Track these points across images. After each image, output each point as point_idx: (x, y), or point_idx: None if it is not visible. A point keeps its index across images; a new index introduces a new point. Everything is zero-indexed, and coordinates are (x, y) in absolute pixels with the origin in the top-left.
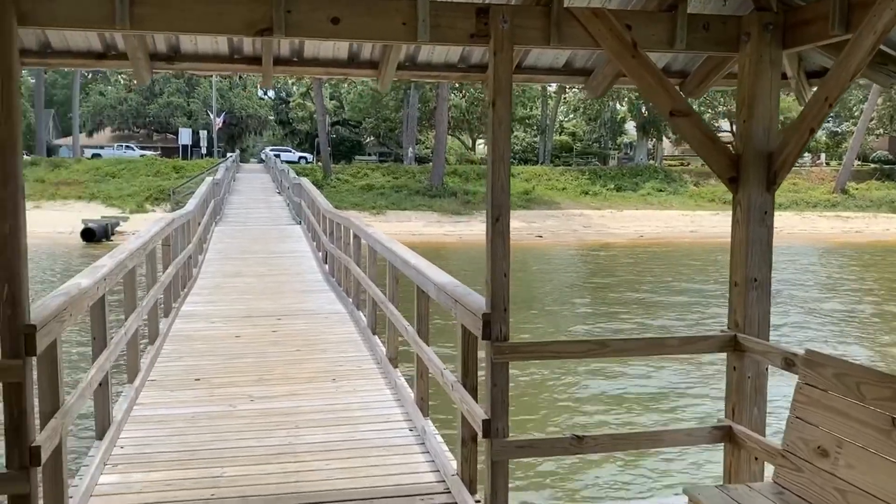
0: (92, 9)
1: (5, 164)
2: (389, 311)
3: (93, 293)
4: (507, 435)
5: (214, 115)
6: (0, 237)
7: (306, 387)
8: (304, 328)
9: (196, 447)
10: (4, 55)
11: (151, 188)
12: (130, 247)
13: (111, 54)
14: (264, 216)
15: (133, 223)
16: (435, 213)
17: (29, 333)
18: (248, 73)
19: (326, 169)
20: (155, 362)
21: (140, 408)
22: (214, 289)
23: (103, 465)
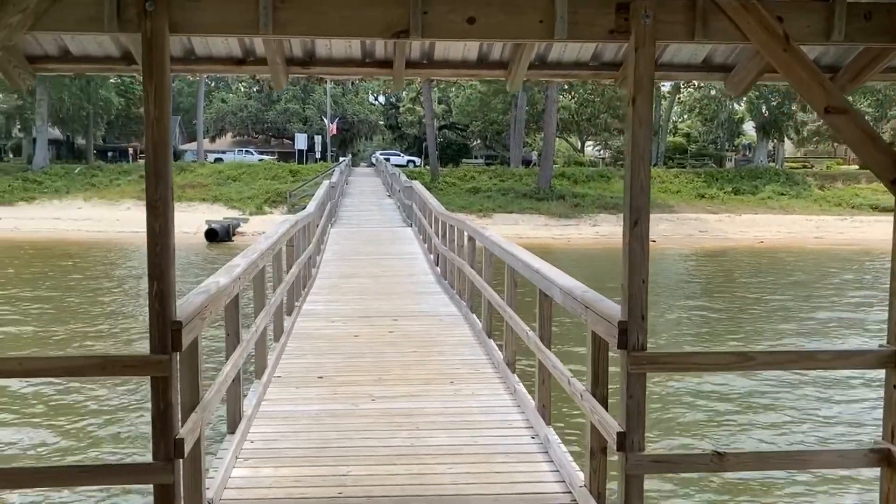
0: (238, 15)
1: (157, 164)
2: (508, 315)
3: (229, 291)
4: (643, 448)
5: (328, 121)
6: (151, 235)
7: (425, 388)
8: (420, 329)
9: (322, 445)
10: (159, 61)
11: (269, 191)
12: (261, 247)
13: (250, 60)
14: (376, 218)
15: (252, 224)
16: (542, 216)
17: (176, 329)
18: (379, 76)
19: (434, 172)
20: (280, 359)
21: (267, 404)
22: (332, 289)
23: (235, 458)
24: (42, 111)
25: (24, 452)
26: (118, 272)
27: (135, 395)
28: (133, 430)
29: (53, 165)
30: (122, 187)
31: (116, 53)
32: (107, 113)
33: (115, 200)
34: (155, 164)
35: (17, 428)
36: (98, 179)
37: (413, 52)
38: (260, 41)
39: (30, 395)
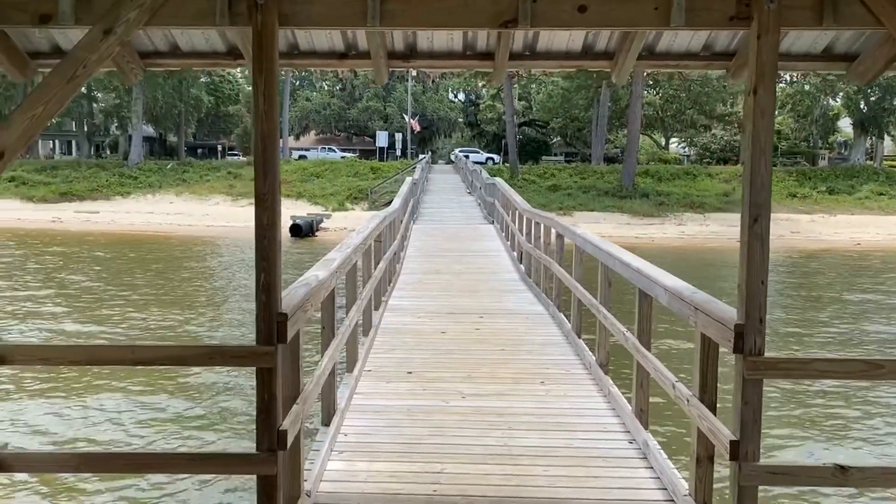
0: (346, 7)
1: (266, 158)
2: (602, 315)
3: (327, 285)
4: (758, 459)
5: (409, 118)
6: (259, 227)
7: (515, 388)
8: (506, 327)
9: (415, 440)
10: (268, 55)
11: (351, 188)
12: (353, 242)
13: (352, 54)
14: (457, 215)
15: (335, 220)
16: (625, 215)
17: (281, 321)
18: (479, 69)
19: (514, 169)
20: (369, 353)
21: (359, 397)
22: (416, 284)
23: (330, 451)
24: (138, 109)
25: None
26: (212, 264)
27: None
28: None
29: (147, 162)
30: (210, 183)
31: (223, 48)
32: (197, 111)
33: (205, 196)
34: (263, 157)
35: (128, 414)
36: (188, 175)
37: (516, 44)
38: (363, 35)
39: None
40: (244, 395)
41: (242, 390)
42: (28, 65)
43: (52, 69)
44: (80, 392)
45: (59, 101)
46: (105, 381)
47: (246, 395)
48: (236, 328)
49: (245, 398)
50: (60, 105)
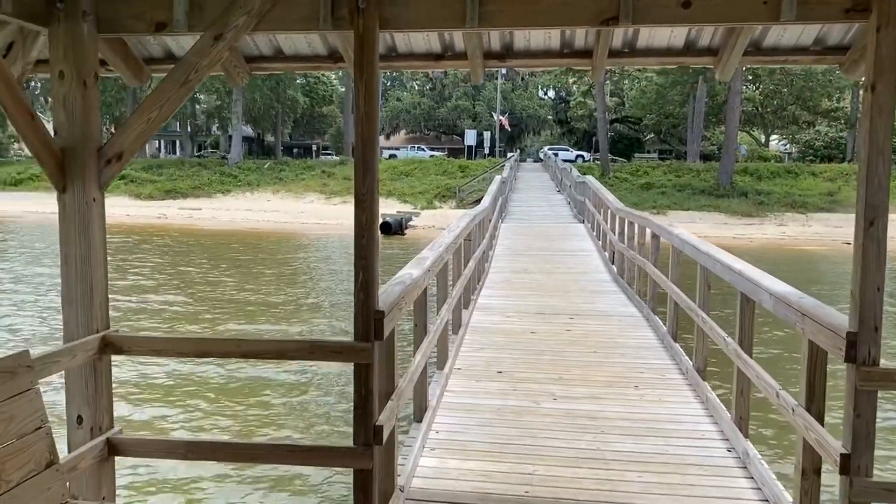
0: (445, 9)
1: (365, 159)
2: (700, 319)
3: (421, 283)
4: (871, 474)
5: (498, 116)
6: (358, 226)
7: (607, 391)
8: (598, 329)
9: (505, 441)
10: (369, 58)
11: (439, 186)
12: (445, 241)
13: (448, 55)
14: (546, 214)
15: (423, 218)
16: (722, 215)
17: (378, 318)
18: (577, 66)
19: (605, 167)
20: (459, 352)
21: (450, 395)
22: (505, 284)
23: (422, 447)
24: (237, 111)
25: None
26: (308, 259)
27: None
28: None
29: (246, 161)
30: (305, 182)
31: (324, 52)
32: (293, 112)
33: (300, 194)
34: (363, 157)
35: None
36: (285, 174)
37: (615, 41)
38: (460, 36)
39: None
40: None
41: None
42: (143, 70)
43: (165, 74)
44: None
45: (172, 104)
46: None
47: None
48: (328, 319)
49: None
50: (174, 108)
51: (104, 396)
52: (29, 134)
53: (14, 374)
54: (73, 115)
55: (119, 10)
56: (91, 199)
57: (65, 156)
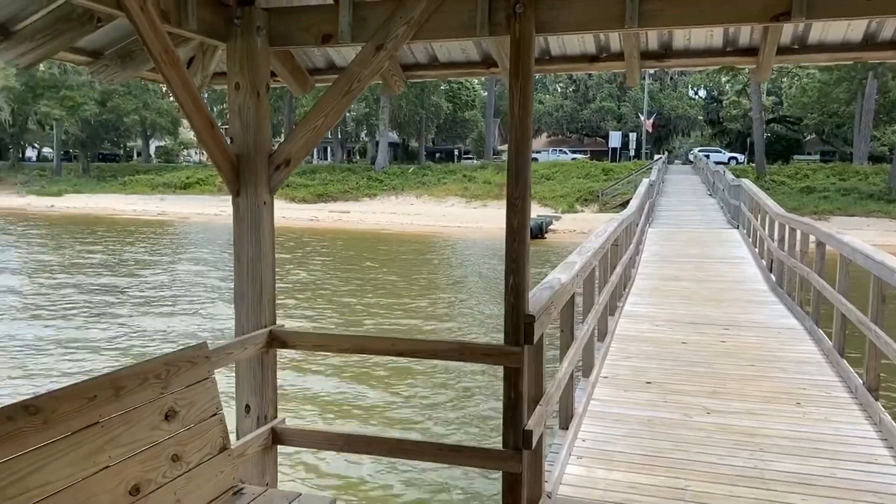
0: (603, 10)
1: (518, 163)
2: (873, 334)
3: (569, 288)
4: None
5: (644, 118)
6: (510, 230)
7: (766, 407)
8: (756, 342)
9: (655, 453)
10: (525, 62)
11: (581, 189)
12: (593, 245)
13: (603, 56)
14: (696, 219)
15: (564, 222)
16: (894, 221)
17: (529, 323)
18: (740, 65)
19: (760, 169)
20: (605, 360)
21: (596, 403)
22: (653, 291)
23: (569, 455)
24: (384, 117)
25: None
26: (451, 261)
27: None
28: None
29: (392, 166)
30: (447, 185)
31: (477, 58)
32: (437, 117)
33: (442, 198)
34: (516, 162)
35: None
36: (427, 178)
37: (784, 37)
38: (616, 36)
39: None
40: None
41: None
42: (308, 80)
43: (328, 84)
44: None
45: (336, 113)
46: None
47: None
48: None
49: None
50: (337, 117)
51: (270, 387)
52: (209, 142)
53: (194, 364)
54: (247, 123)
55: (289, 24)
56: (262, 203)
57: (239, 162)
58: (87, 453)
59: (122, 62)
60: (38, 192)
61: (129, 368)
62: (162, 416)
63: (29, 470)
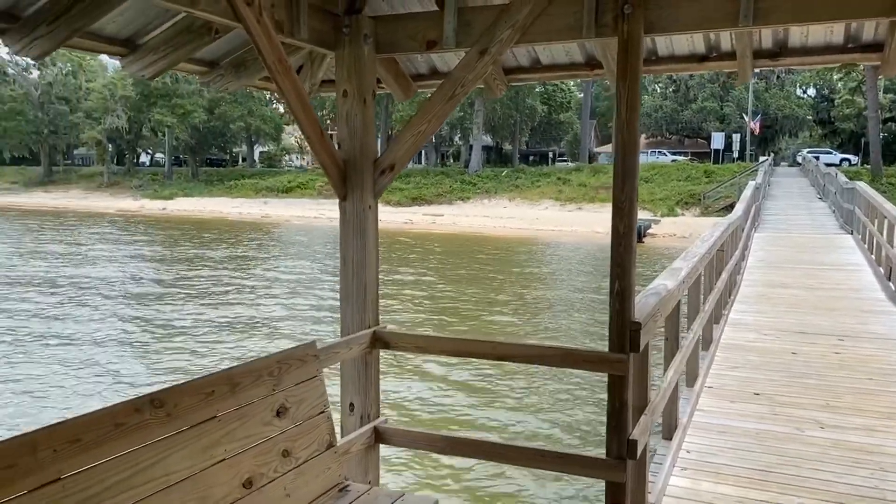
0: (716, 9)
1: (625, 166)
2: None
3: (675, 295)
4: None
5: (749, 118)
6: (615, 234)
7: (887, 424)
8: (874, 354)
9: (765, 468)
10: (633, 64)
11: (682, 192)
12: (699, 251)
13: (713, 56)
14: (805, 223)
15: (663, 226)
16: None
17: (635, 329)
18: (863, 62)
19: (876, 171)
20: (709, 369)
21: (700, 414)
22: (759, 298)
23: (673, 466)
24: (478, 121)
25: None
26: (546, 264)
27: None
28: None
29: (485, 169)
30: (541, 188)
31: (581, 59)
32: (531, 120)
33: (535, 201)
34: (623, 165)
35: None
36: (521, 181)
37: None
38: (727, 36)
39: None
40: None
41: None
42: (411, 86)
43: (430, 89)
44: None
45: (439, 118)
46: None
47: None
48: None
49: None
50: (441, 122)
51: (373, 387)
52: (318, 147)
53: (304, 362)
54: (354, 129)
55: (395, 31)
56: (367, 207)
57: (346, 167)
58: (205, 446)
59: (237, 71)
60: (151, 196)
61: (244, 366)
62: (273, 412)
63: (153, 460)
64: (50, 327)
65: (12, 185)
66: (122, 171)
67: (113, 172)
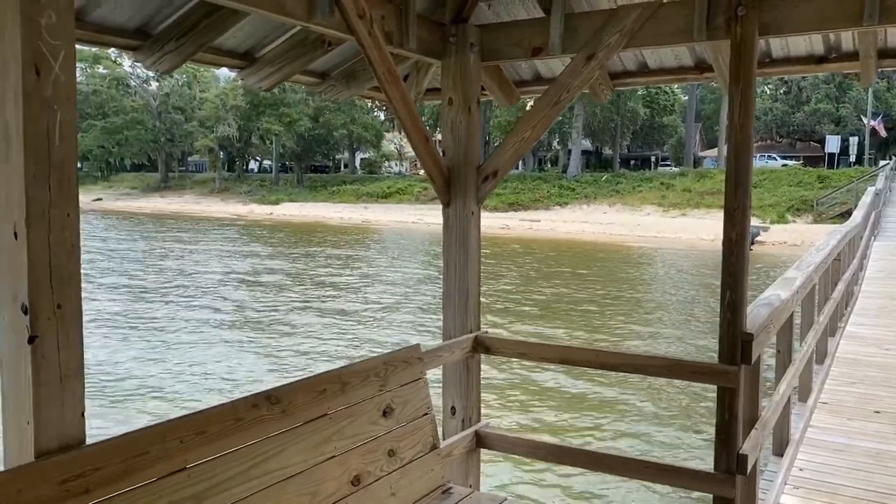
0: (836, 8)
1: (738, 171)
2: None
3: (788, 306)
4: None
5: (869, 120)
6: (727, 243)
7: None
8: None
9: (888, 491)
10: (746, 66)
11: (793, 198)
12: (814, 260)
13: (832, 56)
14: None
15: (773, 234)
16: None
17: (746, 341)
18: None
19: None
20: (824, 384)
21: (814, 430)
22: (880, 311)
23: (784, 484)
24: (578, 125)
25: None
26: (648, 272)
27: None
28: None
29: (584, 174)
30: (643, 194)
31: (690, 63)
32: (633, 124)
33: (636, 207)
34: (736, 170)
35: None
36: (621, 186)
37: None
38: (849, 36)
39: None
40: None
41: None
42: (514, 92)
43: (533, 95)
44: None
45: (544, 124)
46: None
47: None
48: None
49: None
50: (545, 128)
51: (474, 391)
52: (424, 154)
53: (409, 364)
54: (459, 137)
55: (500, 39)
56: (470, 213)
57: (450, 173)
58: (317, 442)
59: (347, 82)
60: (259, 201)
61: (353, 366)
62: (380, 412)
63: (270, 454)
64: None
65: (132, 190)
66: (233, 177)
67: (224, 178)
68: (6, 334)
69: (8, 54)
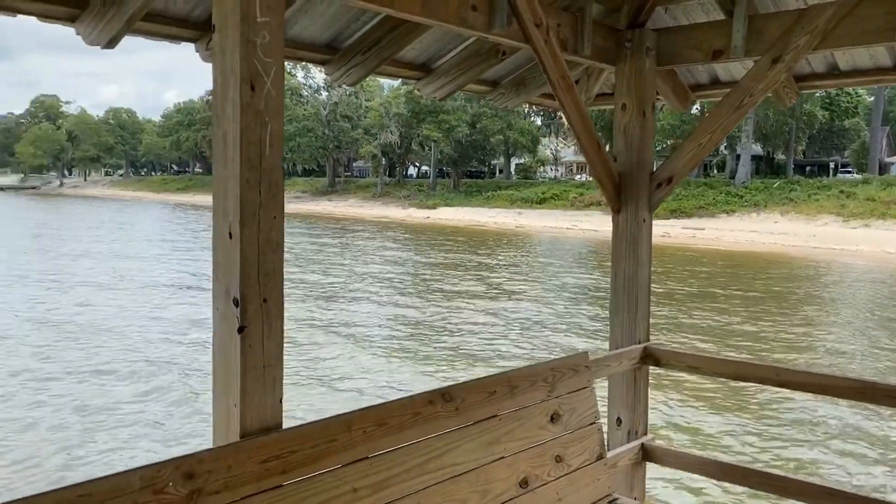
0: None
1: None
2: None
3: None
4: None
5: None
6: None
7: None
8: None
9: None
10: None
11: None
12: None
13: None
14: None
15: None
16: None
17: None
18: None
19: None
20: None
21: None
22: None
23: None
24: (748, 129)
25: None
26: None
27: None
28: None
29: (753, 180)
30: (819, 202)
31: (889, 63)
32: (809, 127)
33: (812, 216)
34: None
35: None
36: (795, 194)
37: None
38: None
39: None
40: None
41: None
42: (689, 96)
43: (711, 99)
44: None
45: (724, 129)
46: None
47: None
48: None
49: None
50: (724, 133)
51: (641, 403)
52: (595, 160)
53: (577, 372)
54: (631, 143)
55: (677, 42)
56: (641, 220)
57: (621, 180)
58: (487, 442)
59: (517, 89)
60: (417, 205)
61: (521, 370)
62: (547, 417)
63: (443, 450)
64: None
65: (302, 193)
66: (393, 182)
67: (385, 183)
68: (219, 324)
69: (228, 72)
